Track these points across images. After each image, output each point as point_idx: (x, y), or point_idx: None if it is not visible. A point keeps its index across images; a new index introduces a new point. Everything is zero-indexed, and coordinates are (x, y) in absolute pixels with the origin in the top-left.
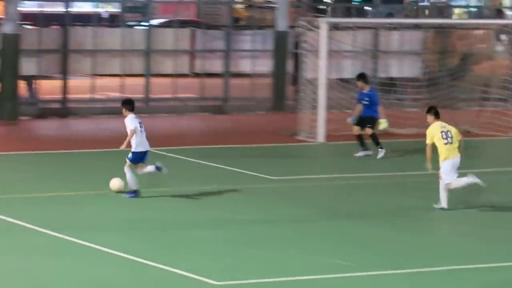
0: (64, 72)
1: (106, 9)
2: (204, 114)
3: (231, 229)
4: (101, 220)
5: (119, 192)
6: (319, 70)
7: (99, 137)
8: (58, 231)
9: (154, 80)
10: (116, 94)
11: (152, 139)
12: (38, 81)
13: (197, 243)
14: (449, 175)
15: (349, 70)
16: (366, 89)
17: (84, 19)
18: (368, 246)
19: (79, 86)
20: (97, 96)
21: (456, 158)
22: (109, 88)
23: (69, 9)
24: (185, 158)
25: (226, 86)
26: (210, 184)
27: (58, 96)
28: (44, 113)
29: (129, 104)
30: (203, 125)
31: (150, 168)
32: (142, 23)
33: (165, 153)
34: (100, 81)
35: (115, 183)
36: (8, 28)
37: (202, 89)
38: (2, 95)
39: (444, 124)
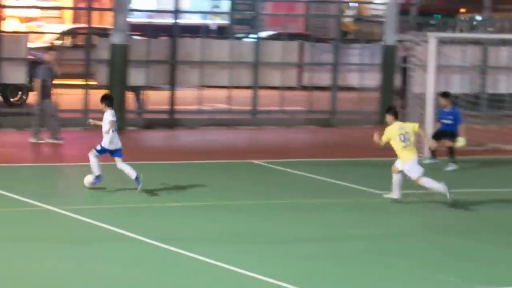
0: (172, 83)
1: (214, 21)
2: (311, 127)
3: (336, 243)
4: (206, 232)
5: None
6: (427, 84)
7: (206, 148)
8: (164, 242)
9: (262, 93)
10: (224, 106)
11: (259, 151)
12: (146, 92)
13: (303, 258)
14: (414, 171)
15: (457, 85)
16: (448, 107)
17: (193, 31)
18: (474, 261)
19: (187, 97)
20: (204, 108)
21: (414, 158)
22: (216, 100)
23: (178, 21)
24: (292, 171)
25: (333, 100)
26: (316, 197)
27: (166, 107)
28: (152, 124)
29: (108, 99)
30: (310, 138)
31: (132, 174)
32: (251, 35)
33: (272, 166)
34: (208, 93)
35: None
36: (117, 39)
37: (309, 102)
38: None
39: (402, 125)
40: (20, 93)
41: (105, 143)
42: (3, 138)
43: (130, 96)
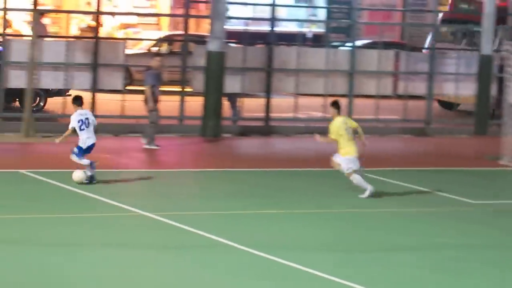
0: (268, 91)
1: (310, 29)
2: (406, 136)
3: (430, 252)
4: (301, 239)
5: (81, 183)
6: None
7: (300, 156)
8: (259, 249)
9: (357, 101)
10: (319, 114)
11: None
12: (241, 99)
13: (399, 266)
14: (350, 164)
15: None
16: None
17: (289, 39)
18: None
19: (282, 105)
20: (299, 115)
21: (356, 155)
22: (311, 108)
23: (274, 29)
24: (386, 179)
25: (428, 109)
26: (411, 206)
27: (261, 114)
28: (247, 131)
29: (77, 100)
30: (405, 147)
31: (86, 161)
32: (346, 44)
33: (366, 174)
34: (303, 101)
35: (78, 175)
36: (213, 46)
37: (404, 111)
38: (206, 112)
39: (346, 119)
40: (38, 99)
41: (81, 142)
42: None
43: (225, 103)
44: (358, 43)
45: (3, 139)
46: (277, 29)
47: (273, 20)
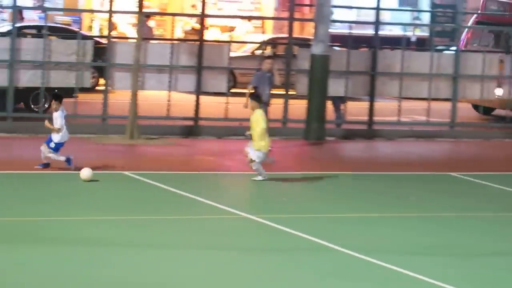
0: (371, 94)
1: (414, 33)
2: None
3: None
4: (402, 243)
5: (90, 180)
6: None
7: (404, 160)
8: (361, 252)
9: (460, 105)
10: (422, 118)
11: (457, 164)
12: (345, 103)
13: (502, 271)
14: (262, 156)
15: None
16: None
17: (393, 42)
18: None
19: (385, 108)
20: (403, 119)
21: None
22: (415, 112)
23: (378, 32)
24: (490, 184)
25: None
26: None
27: (365, 118)
28: (350, 135)
29: (59, 98)
30: (510, 152)
31: (62, 158)
32: (451, 48)
33: (469, 178)
34: (406, 104)
35: (85, 173)
36: (317, 49)
37: (509, 115)
38: (309, 115)
39: (263, 112)
40: (43, 100)
41: (56, 138)
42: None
43: (329, 106)
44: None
45: (108, 141)
46: (381, 32)
47: (377, 23)
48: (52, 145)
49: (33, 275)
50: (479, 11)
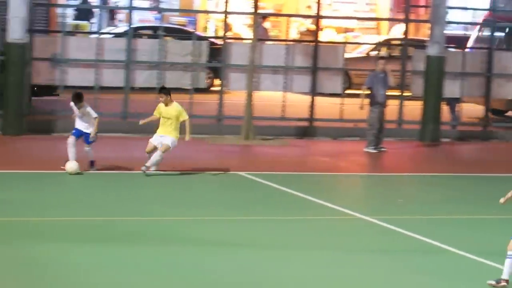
0: (487, 96)
1: None
2: None
3: None
4: None
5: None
6: None
7: None
8: (472, 253)
9: None
10: None
11: None
12: (460, 104)
13: None
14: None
15: None
16: None
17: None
18: None
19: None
20: None
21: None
22: None
23: (494, 34)
24: None
25: None
26: None
27: (476, 119)
28: (465, 136)
29: (81, 96)
30: None
31: (90, 155)
32: None
33: None
34: None
35: (71, 166)
36: (433, 50)
37: None
38: (424, 117)
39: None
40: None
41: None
42: (340, 147)
43: (444, 108)
44: None
45: (223, 141)
46: (497, 34)
47: (493, 25)
48: (91, 139)
49: (140, 275)
50: None
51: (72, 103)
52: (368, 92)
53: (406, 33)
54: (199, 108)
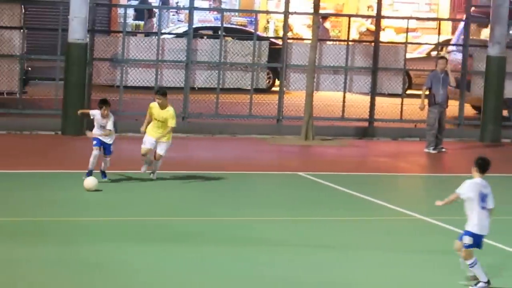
0: None
1: None
2: None
3: None
4: None
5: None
6: None
7: None
8: None
9: None
10: None
11: None
12: None
13: None
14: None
15: None
16: None
17: None
18: None
19: None
20: None
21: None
22: None
23: None
24: None
25: None
26: None
27: None
28: None
29: (107, 102)
30: None
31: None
32: None
33: None
34: None
35: (90, 183)
36: (494, 51)
37: None
38: (485, 117)
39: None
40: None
41: (110, 141)
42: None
43: (504, 108)
44: None
45: (283, 142)
46: None
47: None
48: (112, 148)
49: (203, 275)
50: None
51: (96, 111)
52: (428, 92)
53: (467, 33)
54: (259, 108)
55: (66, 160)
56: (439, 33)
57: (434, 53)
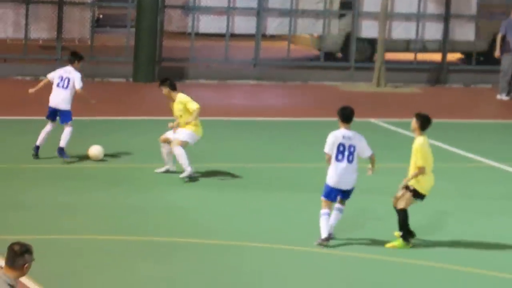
0: None
1: None
2: None
3: None
4: None
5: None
6: None
7: None
8: None
9: None
10: None
11: None
12: None
13: None
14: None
15: None
16: None
17: None
18: None
19: None
20: None
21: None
22: None
23: None
24: None
25: None
26: None
27: None
28: None
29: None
30: None
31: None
32: None
33: None
34: None
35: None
36: None
37: None
38: None
39: None
40: None
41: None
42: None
43: None
44: None
45: (355, 88)
46: None
47: None
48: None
49: (280, 221)
50: None
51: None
52: (499, 37)
53: None
54: (331, 55)
55: (139, 106)
56: None
57: None
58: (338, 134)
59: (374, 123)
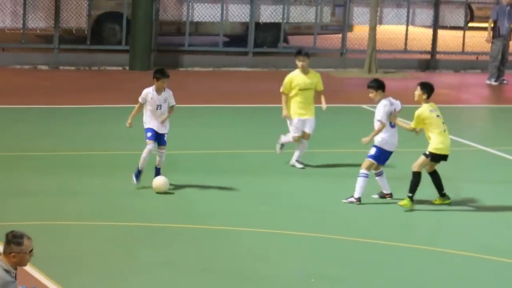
0: None
1: None
2: None
3: None
4: None
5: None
6: None
7: None
8: None
9: None
10: None
11: None
12: None
13: None
14: None
15: None
16: None
17: None
18: None
19: None
20: None
21: None
22: None
23: None
24: None
25: None
26: None
27: None
28: None
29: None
30: None
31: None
32: None
33: None
34: None
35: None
36: None
37: None
38: None
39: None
40: None
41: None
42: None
43: None
44: None
45: (346, 75)
46: None
47: None
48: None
49: (276, 206)
50: None
51: (150, 90)
52: (490, 24)
53: None
54: (324, 42)
55: (135, 95)
56: None
57: None
58: (387, 103)
59: (364, 108)
